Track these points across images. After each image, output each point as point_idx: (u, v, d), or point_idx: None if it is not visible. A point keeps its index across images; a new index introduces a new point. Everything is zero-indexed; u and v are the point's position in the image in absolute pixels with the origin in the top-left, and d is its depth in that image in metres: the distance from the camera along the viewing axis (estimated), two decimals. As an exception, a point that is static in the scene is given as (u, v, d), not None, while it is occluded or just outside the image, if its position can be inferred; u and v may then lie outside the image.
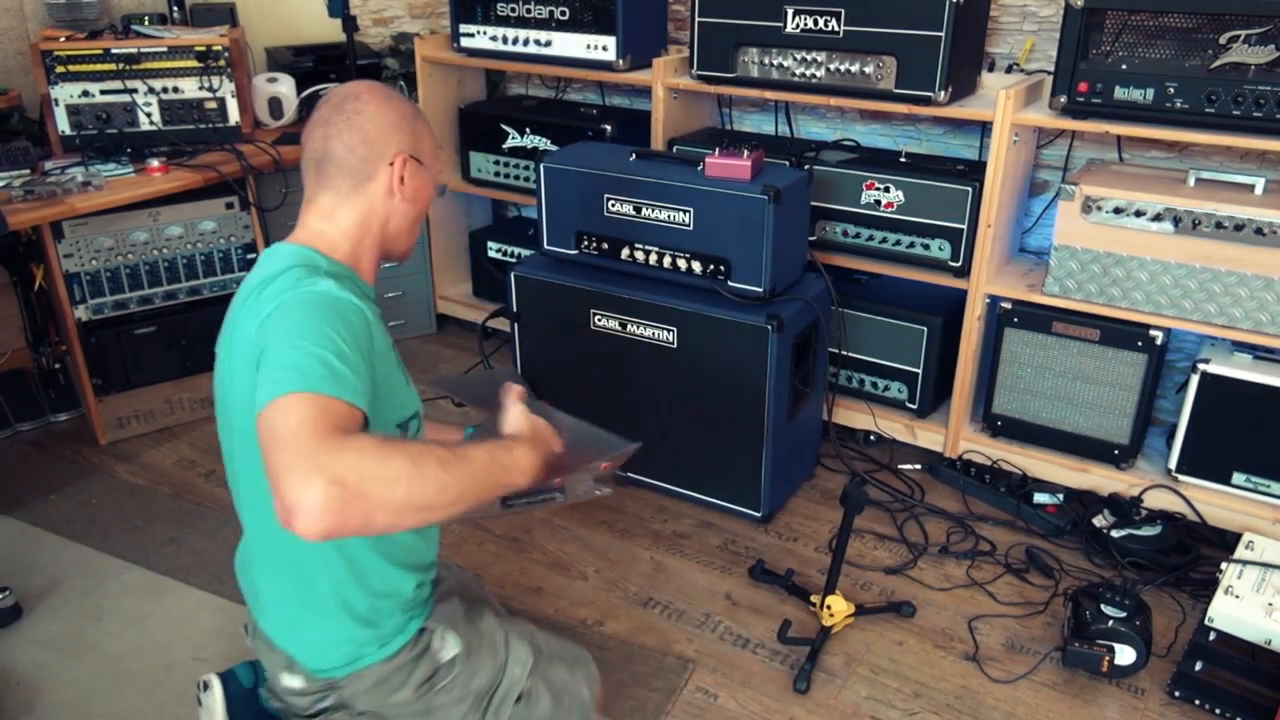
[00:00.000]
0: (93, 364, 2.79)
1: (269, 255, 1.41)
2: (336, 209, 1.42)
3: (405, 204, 1.46)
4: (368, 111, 1.41)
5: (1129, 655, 1.96)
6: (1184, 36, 2.19)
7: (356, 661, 1.41)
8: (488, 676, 1.51)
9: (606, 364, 2.52)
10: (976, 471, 2.65)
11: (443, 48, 3.28)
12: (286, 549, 1.38)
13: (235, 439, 1.38)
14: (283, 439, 1.06)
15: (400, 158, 1.42)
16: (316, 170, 1.42)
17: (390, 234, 1.47)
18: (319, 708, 1.46)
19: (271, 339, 1.19)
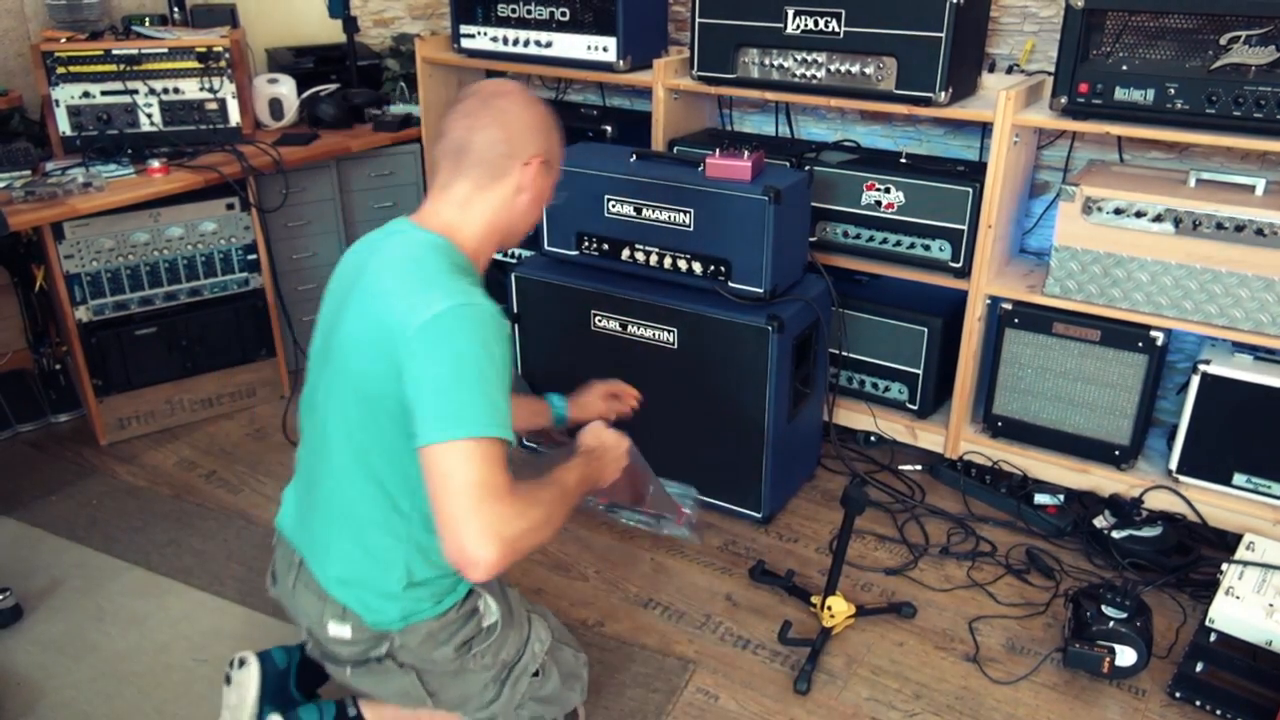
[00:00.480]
0: (93, 365, 2.79)
1: (404, 233, 1.51)
2: (472, 200, 1.52)
3: (530, 203, 1.56)
4: (513, 110, 1.51)
5: (1130, 656, 1.96)
6: (1184, 37, 2.19)
7: (412, 617, 1.52)
8: (513, 649, 1.64)
9: (607, 365, 2.52)
10: (977, 472, 2.65)
11: (443, 48, 3.28)
12: (366, 523, 1.49)
13: (333, 400, 1.48)
14: (458, 494, 1.29)
15: (536, 159, 1.53)
16: (455, 159, 1.51)
17: (510, 229, 1.58)
18: (365, 657, 1.55)
19: (435, 354, 1.34)
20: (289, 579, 1.61)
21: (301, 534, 1.60)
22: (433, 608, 1.54)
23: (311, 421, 1.56)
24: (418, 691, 1.59)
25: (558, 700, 1.74)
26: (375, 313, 1.41)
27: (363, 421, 1.45)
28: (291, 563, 1.61)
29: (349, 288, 1.51)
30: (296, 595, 1.60)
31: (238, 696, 1.71)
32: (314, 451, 1.56)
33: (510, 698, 1.64)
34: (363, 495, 1.48)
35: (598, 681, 2.02)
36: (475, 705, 1.63)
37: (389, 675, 1.58)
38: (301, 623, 1.62)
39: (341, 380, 1.46)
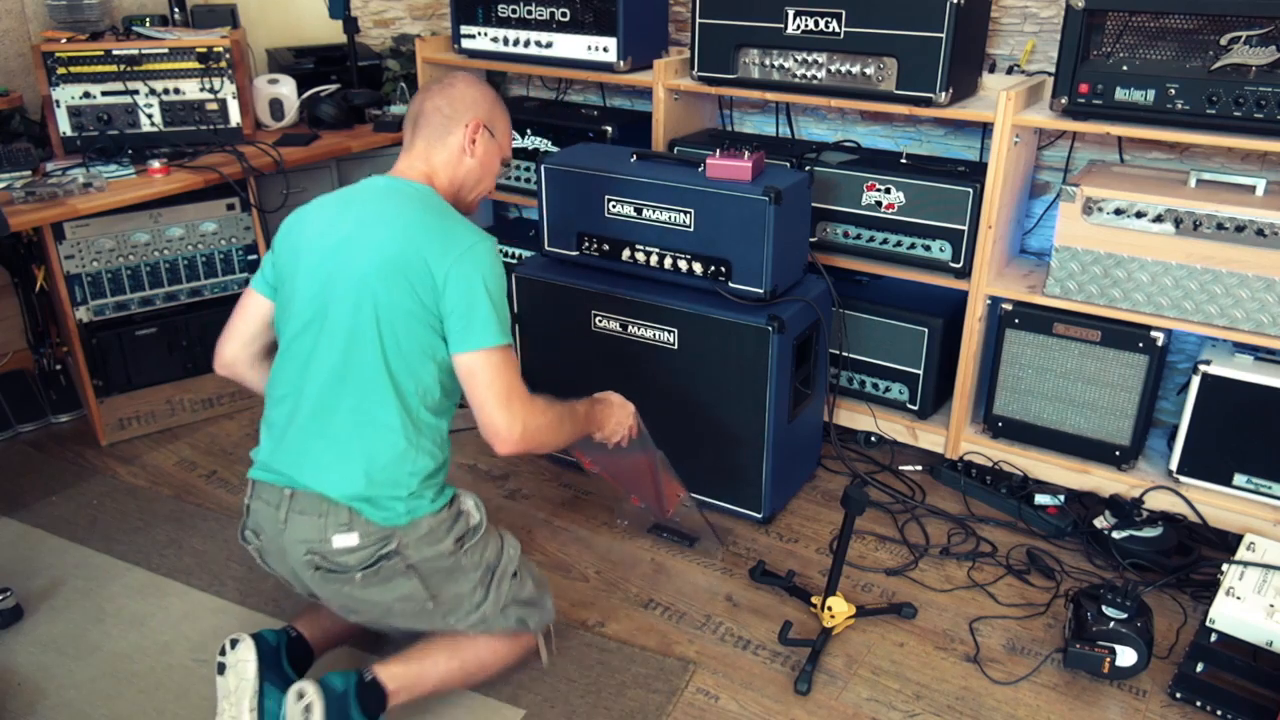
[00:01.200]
0: (94, 365, 2.79)
1: (395, 184, 1.83)
2: (429, 156, 1.86)
3: (475, 163, 1.88)
4: (458, 86, 1.89)
5: (1130, 657, 1.96)
6: (1185, 38, 2.19)
7: (415, 512, 1.74)
8: (494, 552, 1.87)
9: (607, 365, 2.52)
10: (977, 473, 2.65)
11: (444, 49, 3.28)
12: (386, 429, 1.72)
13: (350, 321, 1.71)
14: (495, 386, 1.71)
15: (474, 123, 1.86)
16: (413, 124, 1.87)
17: (463, 187, 1.90)
18: (373, 559, 1.71)
19: (470, 286, 1.69)
20: (278, 517, 1.73)
21: (295, 464, 1.74)
22: (431, 504, 1.77)
23: (309, 350, 1.75)
24: (420, 594, 1.76)
25: (537, 604, 1.93)
26: (403, 249, 1.70)
27: (390, 338, 1.70)
28: (280, 499, 1.74)
29: (352, 226, 1.76)
30: (290, 528, 1.72)
31: (236, 676, 1.74)
32: (318, 378, 1.74)
33: (496, 598, 1.84)
34: (385, 404, 1.72)
35: (598, 681, 2.02)
36: (467, 608, 1.82)
37: (394, 579, 1.74)
38: (296, 554, 1.72)
39: (369, 305, 1.70)
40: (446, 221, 1.76)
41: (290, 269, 1.81)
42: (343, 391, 1.72)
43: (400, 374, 1.72)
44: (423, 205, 1.78)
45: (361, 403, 1.71)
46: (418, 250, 1.69)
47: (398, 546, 1.72)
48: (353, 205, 1.81)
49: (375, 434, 1.72)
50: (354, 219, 1.77)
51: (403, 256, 1.69)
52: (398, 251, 1.69)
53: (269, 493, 1.76)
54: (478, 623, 1.84)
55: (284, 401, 1.79)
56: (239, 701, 1.72)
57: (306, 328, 1.76)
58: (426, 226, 1.73)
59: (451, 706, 1.95)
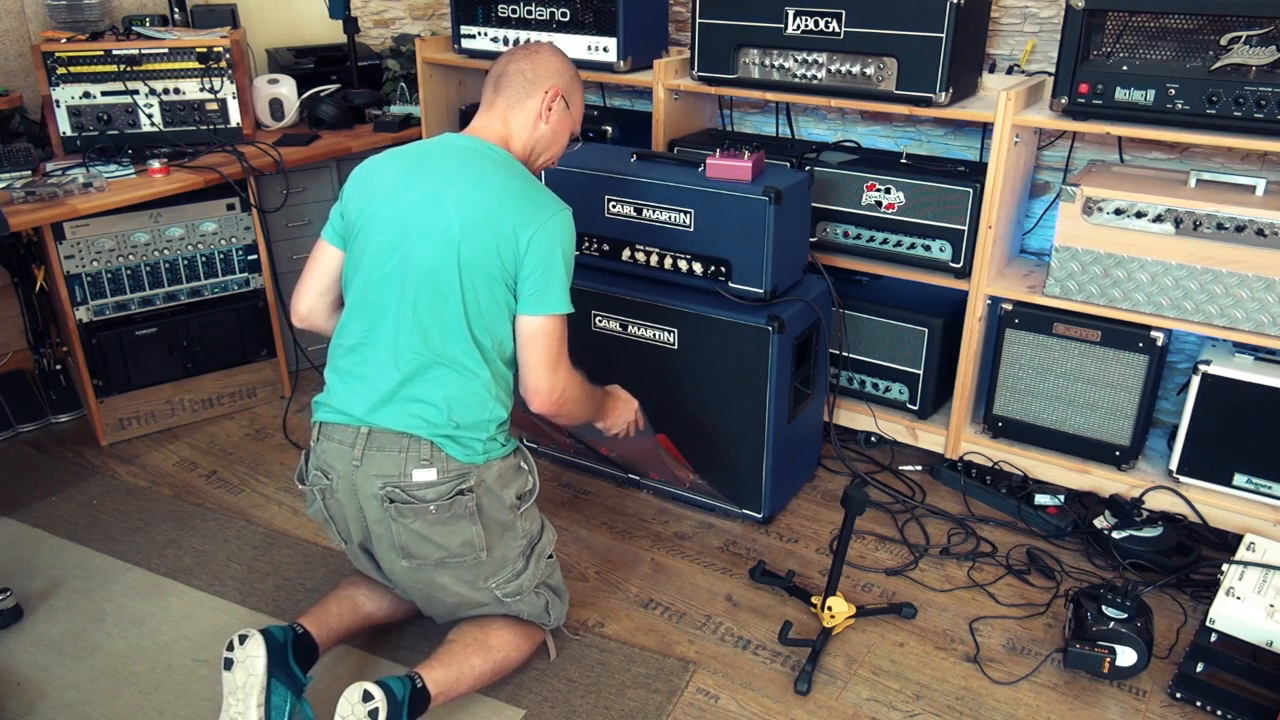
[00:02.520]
0: (94, 365, 2.79)
1: (475, 146, 1.87)
2: (509, 117, 1.92)
3: (549, 129, 1.94)
4: (544, 53, 1.95)
5: (1130, 657, 1.96)
6: (1185, 38, 2.19)
7: (490, 453, 1.84)
8: (538, 526, 1.97)
9: (607, 365, 2.51)
10: (977, 473, 2.65)
11: (444, 49, 3.28)
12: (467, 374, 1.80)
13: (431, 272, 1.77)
14: (552, 351, 1.83)
15: (554, 90, 1.92)
16: (495, 83, 1.93)
17: (535, 153, 1.96)
18: (450, 493, 1.79)
19: (550, 253, 1.78)
20: (354, 453, 1.80)
21: (376, 405, 1.81)
22: (502, 448, 1.88)
23: (390, 299, 1.81)
24: (478, 542, 1.84)
25: (561, 594, 2.04)
26: (490, 207, 1.76)
27: (471, 294, 1.77)
28: (355, 438, 1.80)
29: (435, 179, 1.80)
30: (366, 464, 1.79)
31: (245, 672, 1.73)
32: (398, 325, 1.80)
33: (534, 573, 1.94)
34: (468, 354, 1.80)
35: (598, 681, 2.02)
36: (509, 573, 1.90)
37: (460, 523, 1.81)
38: (370, 489, 1.79)
39: (452, 258, 1.76)
40: (532, 188, 1.83)
41: (361, 221, 1.84)
42: (425, 341, 1.79)
43: (479, 328, 1.79)
44: (508, 170, 1.84)
45: (446, 353, 1.79)
46: (506, 213, 1.76)
47: (474, 484, 1.81)
48: (432, 162, 1.85)
49: (459, 379, 1.80)
50: (435, 176, 1.81)
51: (491, 218, 1.75)
52: (486, 213, 1.75)
53: (342, 433, 1.82)
54: (513, 592, 1.92)
55: (358, 350, 1.84)
56: (246, 697, 1.72)
57: (386, 279, 1.80)
58: (515, 191, 1.80)
59: (452, 706, 1.94)
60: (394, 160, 1.88)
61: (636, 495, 2.66)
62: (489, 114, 1.92)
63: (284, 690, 1.74)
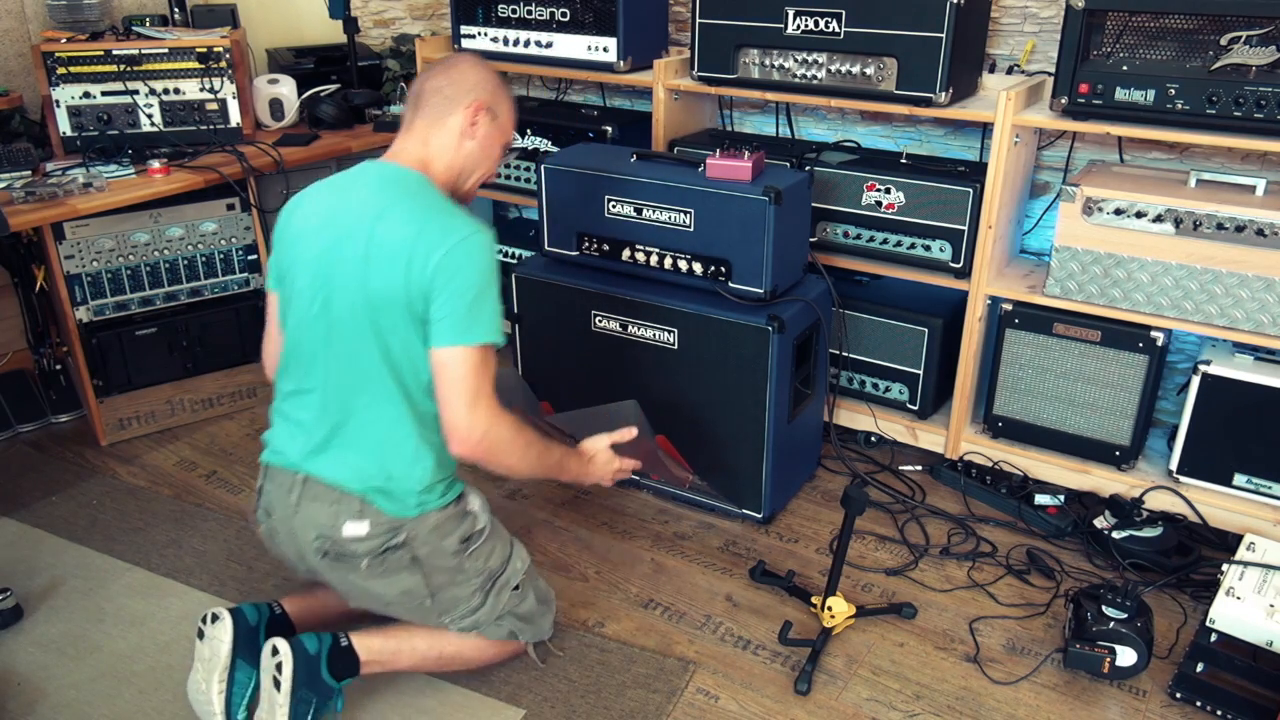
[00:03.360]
0: (94, 365, 2.79)
1: (388, 171, 1.77)
2: (429, 137, 1.80)
3: (475, 146, 1.82)
4: (461, 66, 1.83)
5: (1130, 657, 1.96)
6: (1185, 38, 2.19)
7: (425, 506, 1.77)
8: (499, 560, 1.88)
9: (607, 365, 2.52)
10: (977, 473, 2.65)
11: (444, 49, 3.28)
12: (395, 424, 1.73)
13: (352, 315, 1.70)
14: (467, 386, 1.67)
15: (476, 104, 1.80)
16: (414, 102, 1.81)
17: (462, 172, 1.84)
18: (381, 548, 1.75)
19: (461, 277, 1.65)
20: (289, 500, 1.77)
21: (306, 455, 1.77)
22: (440, 498, 1.79)
23: (314, 348, 1.75)
24: (420, 590, 1.80)
25: (534, 620, 1.96)
26: (398, 236, 1.66)
27: (387, 331, 1.69)
28: (292, 484, 1.77)
29: (349, 217, 1.72)
30: (301, 512, 1.76)
31: (210, 649, 1.78)
32: (323, 373, 1.75)
33: (493, 607, 1.87)
34: (391, 400, 1.73)
35: (598, 681, 2.02)
36: (462, 611, 1.85)
37: (398, 572, 1.78)
38: (306, 538, 1.76)
39: (362, 298, 1.68)
40: (440, 211, 1.72)
41: (289, 261, 1.80)
42: (351, 387, 1.73)
43: (403, 369, 1.72)
44: (416, 194, 1.74)
45: (370, 399, 1.73)
46: (412, 239, 1.65)
47: (406, 538, 1.76)
48: (348, 195, 1.77)
49: (388, 431, 1.74)
50: (351, 210, 1.73)
51: (398, 246, 1.66)
52: (394, 241, 1.66)
53: (282, 476, 1.80)
54: (469, 626, 1.88)
55: (294, 396, 1.81)
56: (210, 672, 1.77)
57: (311, 323, 1.76)
58: (419, 217, 1.69)
59: (452, 706, 1.95)
60: (315, 196, 1.81)
61: (636, 495, 2.66)
62: (408, 136, 1.81)
63: (249, 669, 1.79)
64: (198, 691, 1.80)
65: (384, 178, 1.77)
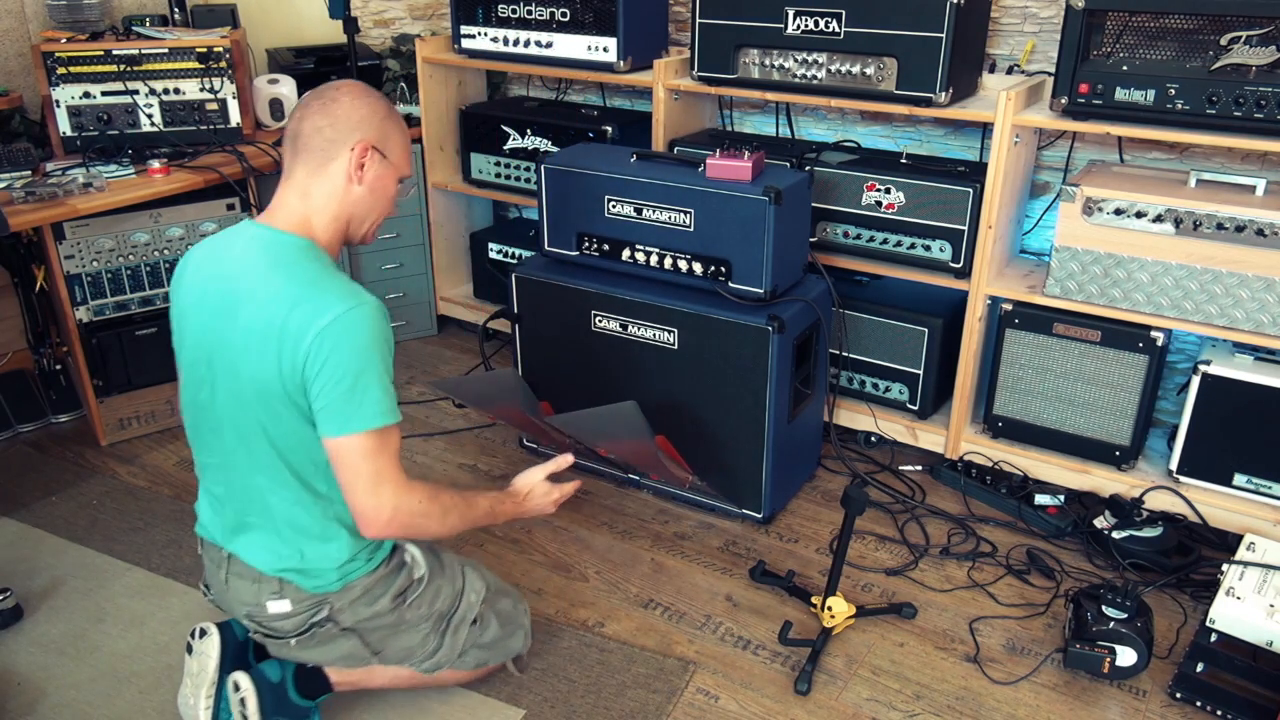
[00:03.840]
0: (94, 365, 2.79)
1: (265, 237, 1.60)
2: (310, 188, 1.61)
3: (365, 190, 1.63)
4: (342, 101, 1.61)
5: (1130, 657, 1.96)
6: (1185, 38, 2.19)
7: (348, 575, 1.68)
8: (448, 600, 1.80)
9: (607, 365, 2.52)
10: (977, 473, 2.65)
11: (444, 49, 3.28)
12: (291, 507, 1.63)
13: (233, 404, 1.58)
14: (367, 472, 1.53)
15: (361, 145, 1.60)
16: (291, 147, 1.62)
17: (353, 219, 1.66)
18: (305, 625, 1.69)
19: (343, 356, 1.49)
20: (220, 575, 1.73)
21: (225, 532, 1.71)
22: (366, 564, 1.70)
23: (210, 427, 1.65)
24: (361, 652, 1.74)
25: (500, 646, 1.90)
26: (266, 318, 1.51)
27: (267, 419, 1.56)
28: (220, 561, 1.72)
29: (221, 294, 1.57)
30: (230, 588, 1.72)
31: (199, 664, 1.78)
32: (221, 454, 1.66)
33: (453, 646, 1.81)
34: (289, 486, 1.62)
35: (598, 681, 2.02)
36: (420, 657, 1.80)
37: (332, 641, 1.72)
38: (240, 613, 1.74)
39: (239, 384, 1.56)
40: (312, 289, 1.51)
41: (176, 332, 1.68)
42: (248, 471, 1.63)
43: (295, 455, 1.59)
44: (290, 266, 1.55)
45: (269, 482, 1.62)
46: (280, 326, 1.49)
47: (330, 613, 1.69)
48: (224, 264, 1.60)
49: (291, 514, 1.64)
50: (222, 287, 1.58)
51: (266, 335, 1.50)
52: (261, 330, 1.51)
53: (212, 551, 1.75)
54: (433, 668, 1.83)
55: (207, 469, 1.72)
56: (198, 687, 1.77)
57: (202, 405, 1.65)
58: (290, 296, 1.51)
59: (452, 706, 1.95)
60: (197, 262, 1.65)
61: (636, 495, 2.66)
62: (287, 188, 1.62)
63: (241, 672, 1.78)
64: (186, 705, 1.79)
65: (260, 245, 1.59)
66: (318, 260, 1.58)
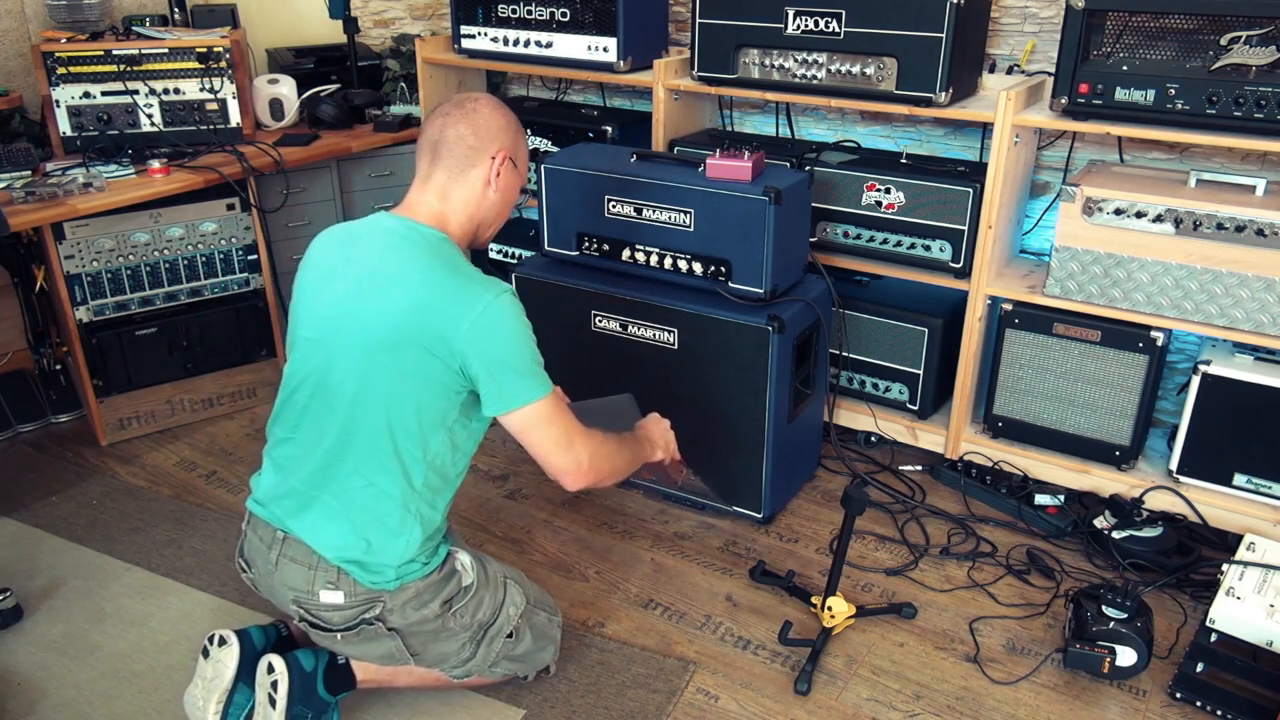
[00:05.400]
0: (94, 365, 2.79)
1: (404, 229, 1.68)
2: (449, 191, 1.71)
3: (497, 195, 1.75)
4: (483, 111, 1.73)
5: (1130, 657, 1.96)
6: (1185, 38, 2.19)
7: (405, 577, 1.71)
8: (489, 611, 1.82)
9: (607, 365, 2.52)
10: (977, 473, 2.65)
11: (444, 49, 3.28)
12: (383, 496, 1.66)
13: (359, 378, 1.63)
14: (554, 434, 1.67)
15: (501, 154, 1.73)
16: (432, 152, 1.72)
17: (483, 222, 1.77)
18: (355, 620, 1.70)
19: (496, 345, 1.61)
20: (270, 556, 1.73)
21: (290, 510, 1.72)
22: (423, 568, 1.73)
23: (320, 403, 1.69)
24: (401, 654, 1.76)
25: (530, 659, 1.93)
26: (416, 300, 1.59)
27: (399, 398, 1.62)
28: (273, 540, 1.73)
29: (359, 276, 1.65)
30: (280, 571, 1.72)
31: (214, 671, 1.78)
32: (319, 431, 1.69)
33: (485, 656, 1.83)
34: (387, 473, 1.66)
35: (598, 681, 2.02)
36: (454, 663, 1.82)
37: (376, 640, 1.73)
38: (284, 597, 1.74)
39: (372, 363, 1.61)
40: (459, 278, 1.62)
41: (296, 307, 1.75)
42: (344, 455, 1.67)
43: (405, 443, 1.65)
44: (432, 259, 1.64)
45: (362, 469, 1.66)
46: (431, 314, 1.58)
47: (382, 611, 1.71)
48: (357, 249, 1.69)
49: (374, 501, 1.67)
50: (359, 268, 1.66)
51: (414, 322, 1.59)
52: (408, 317, 1.59)
53: (263, 530, 1.75)
54: (463, 675, 1.86)
55: (286, 444, 1.75)
56: (210, 693, 1.77)
57: (306, 381, 1.70)
58: (439, 287, 1.60)
59: (452, 706, 1.95)
60: (326, 245, 1.74)
61: (636, 495, 2.66)
62: (424, 188, 1.71)
63: (249, 691, 1.78)
64: (194, 707, 1.78)
65: (398, 235, 1.68)
66: (456, 253, 1.69)
